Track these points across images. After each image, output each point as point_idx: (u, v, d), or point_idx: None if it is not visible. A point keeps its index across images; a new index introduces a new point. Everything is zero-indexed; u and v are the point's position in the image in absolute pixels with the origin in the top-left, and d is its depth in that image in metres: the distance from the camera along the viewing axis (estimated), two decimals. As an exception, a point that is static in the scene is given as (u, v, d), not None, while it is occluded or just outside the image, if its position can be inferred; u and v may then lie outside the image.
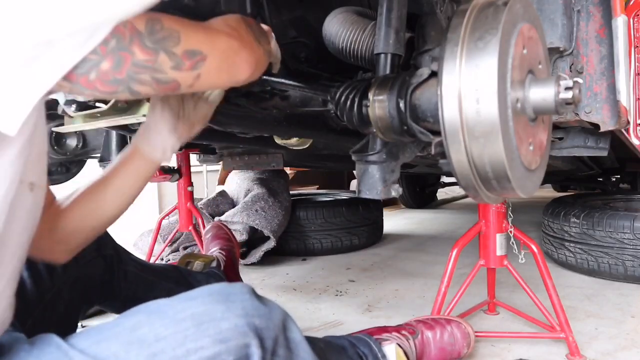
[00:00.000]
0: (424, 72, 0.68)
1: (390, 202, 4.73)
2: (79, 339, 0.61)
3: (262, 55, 0.70)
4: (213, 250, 1.63)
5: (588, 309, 1.61)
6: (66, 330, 0.95)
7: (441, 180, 4.64)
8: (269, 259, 2.38)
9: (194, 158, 2.37)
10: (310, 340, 0.77)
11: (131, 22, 0.53)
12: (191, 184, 2.21)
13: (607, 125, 1.01)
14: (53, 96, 0.82)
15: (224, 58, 0.61)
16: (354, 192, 3.28)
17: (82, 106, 0.86)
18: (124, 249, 1.19)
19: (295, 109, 0.95)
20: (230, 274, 1.51)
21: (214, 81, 0.62)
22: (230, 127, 0.99)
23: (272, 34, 0.78)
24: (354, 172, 0.83)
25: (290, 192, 2.78)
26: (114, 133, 1.61)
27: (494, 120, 0.56)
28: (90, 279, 1.07)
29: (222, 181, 3.36)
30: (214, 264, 1.49)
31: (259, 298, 0.69)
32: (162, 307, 0.64)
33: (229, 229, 1.79)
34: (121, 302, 1.15)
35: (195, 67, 0.58)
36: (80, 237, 0.84)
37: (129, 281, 1.16)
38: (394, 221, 3.78)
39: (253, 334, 0.63)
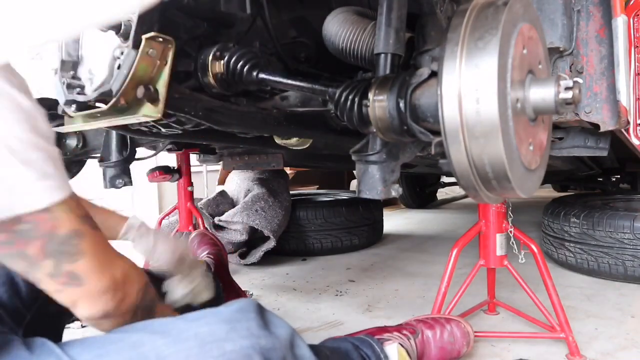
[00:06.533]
0: (424, 72, 0.68)
1: (390, 202, 4.73)
2: (79, 350, 0.60)
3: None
4: (201, 256, 1.63)
5: (588, 309, 1.61)
6: (59, 327, 0.95)
7: (441, 180, 4.64)
8: (269, 259, 2.38)
9: (194, 158, 2.37)
10: (317, 351, 0.76)
11: (60, 221, 0.55)
12: (191, 184, 2.21)
13: (607, 125, 1.01)
14: (53, 96, 0.82)
15: (95, 297, 0.62)
16: (354, 192, 3.28)
17: (82, 106, 0.86)
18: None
19: (295, 109, 0.95)
20: (221, 274, 1.51)
21: (66, 302, 0.62)
22: (230, 127, 0.99)
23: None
24: (354, 172, 0.83)
25: (290, 192, 2.78)
26: (114, 133, 1.61)
27: (494, 120, 0.56)
28: None
29: (222, 181, 3.35)
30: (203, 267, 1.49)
31: (265, 316, 0.68)
32: (165, 325, 0.63)
33: (213, 235, 1.81)
34: None
35: (66, 285, 0.59)
36: None
37: None
38: (394, 221, 3.78)
39: (259, 356, 0.62)
